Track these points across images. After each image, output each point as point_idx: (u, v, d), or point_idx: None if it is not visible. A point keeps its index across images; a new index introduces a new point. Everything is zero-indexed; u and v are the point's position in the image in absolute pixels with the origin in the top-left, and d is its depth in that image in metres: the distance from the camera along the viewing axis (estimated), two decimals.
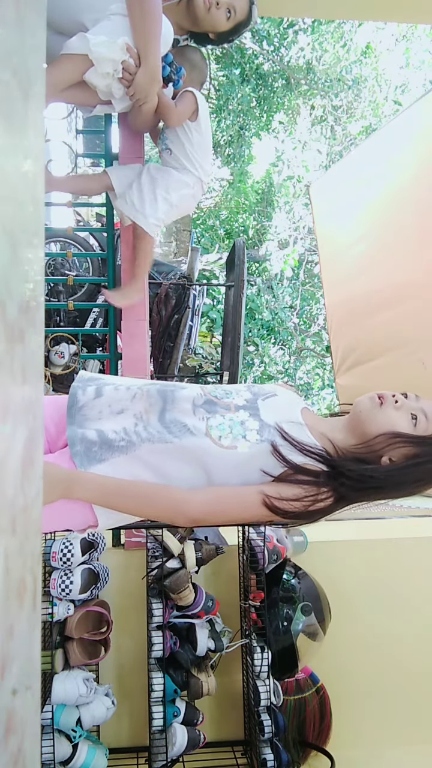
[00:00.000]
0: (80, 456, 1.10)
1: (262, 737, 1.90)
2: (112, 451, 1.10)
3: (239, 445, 1.09)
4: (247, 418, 1.12)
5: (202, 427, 1.10)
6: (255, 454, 1.09)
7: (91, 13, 1.74)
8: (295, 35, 7.78)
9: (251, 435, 1.10)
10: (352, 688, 2.20)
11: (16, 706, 0.33)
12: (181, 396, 1.16)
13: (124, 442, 1.10)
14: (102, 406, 1.16)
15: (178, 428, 1.11)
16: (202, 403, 1.15)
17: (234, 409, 1.14)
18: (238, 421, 1.12)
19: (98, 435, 1.12)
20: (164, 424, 1.11)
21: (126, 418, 1.13)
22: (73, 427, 1.14)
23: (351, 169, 3.63)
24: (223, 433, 1.10)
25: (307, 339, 8.76)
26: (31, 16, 0.40)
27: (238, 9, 1.92)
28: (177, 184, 2.03)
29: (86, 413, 1.16)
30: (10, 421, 0.35)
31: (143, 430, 1.11)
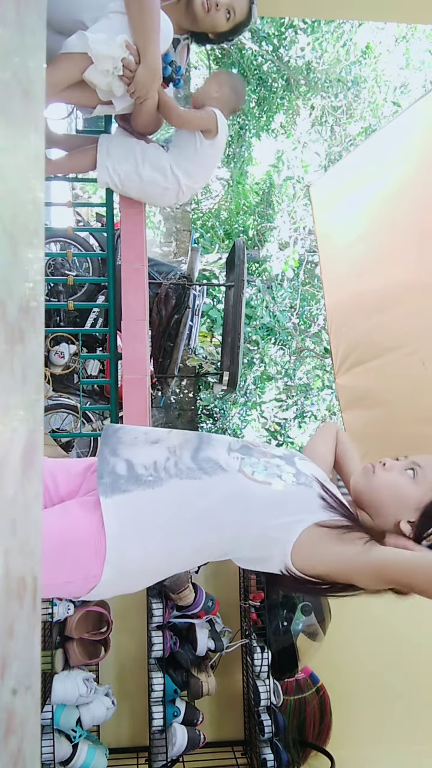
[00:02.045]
0: (105, 486, 1.05)
1: (262, 737, 1.90)
2: (138, 485, 1.06)
3: (274, 483, 1.03)
4: (283, 464, 1.10)
5: (235, 465, 1.07)
6: (291, 494, 1.03)
7: (90, 12, 1.75)
8: (295, 35, 7.78)
9: (287, 477, 1.07)
10: (352, 688, 2.20)
11: (16, 706, 0.33)
12: (218, 439, 1.16)
13: (152, 478, 1.07)
14: (138, 433, 1.17)
15: (210, 466, 1.07)
16: (238, 448, 1.13)
17: (270, 456, 1.13)
18: (274, 464, 1.10)
19: (127, 469, 1.09)
20: (196, 462, 1.08)
21: (159, 449, 1.12)
22: (105, 450, 1.13)
23: (351, 169, 3.63)
24: (257, 470, 1.06)
25: (306, 339, 8.76)
26: (31, 16, 0.40)
27: (237, 10, 1.91)
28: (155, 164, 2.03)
29: (121, 436, 1.16)
30: (10, 421, 0.35)
31: (173, 467, 1.08)
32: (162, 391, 4.35)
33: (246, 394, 8.43)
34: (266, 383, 8.65)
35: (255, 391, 8.52)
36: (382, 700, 2.23)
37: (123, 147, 2.03)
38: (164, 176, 2.04)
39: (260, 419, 8.85)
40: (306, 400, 8.72)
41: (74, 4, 1.77)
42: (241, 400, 8.44)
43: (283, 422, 8.66)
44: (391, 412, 3.22)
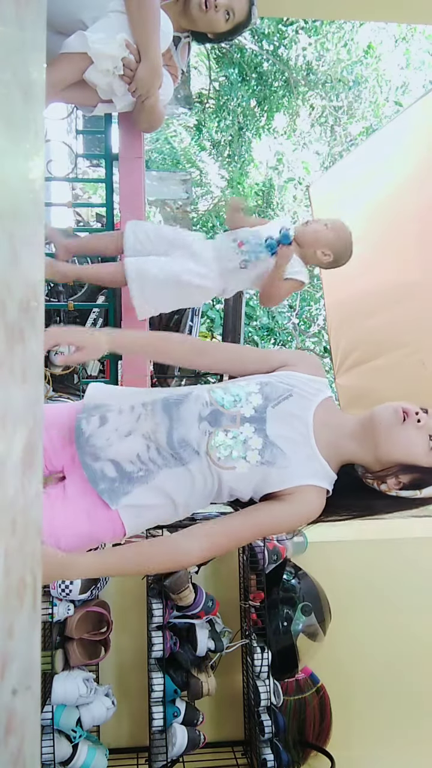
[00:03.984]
0: (107, 493, 1.14)
1: (262, 737, 1.90)
2: (133, 484, 1.14)
3: (238, 466, 1.11)
4: (251, 434, 1.12)
5: (203, 445, 1.12)
6: (252, 474, 1.11)
7: (89, 11, 1.75)
8: (296, 34, 7.78)
9: (252, 455, 1.11)
10: (352, 689, 2.20)
11: (16, 706, 0.33)
12: (187, 408, 1.16)
13: (142, 472, 1.14)
14: (109, 433, 1.17)
15: (186, 452, 1.12)
16: (206, 415, 1.14)
17: (239, 422, 1.13)
18: (241, 439, 1.11)
19: (116, 469, 1.15)
20: (173, 447, 1.13)
21: (136, 439, 1.15)
22: (85, 458, 1.16)
23: (351, 169, 3.63)
24: (222, 455, 1.11)
25: (306, 339, 8.76)
26: (31, 16, 0.40)
27: (237, 10, 1.91)
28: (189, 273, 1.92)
29: (95, 443, 1.17)
30: (10, 421, 0.35)
31: (157, 455, 1.14)
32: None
33: None
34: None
35: None
36: (383, 701, 2.23)
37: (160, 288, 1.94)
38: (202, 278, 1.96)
39: None
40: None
41: (74, 4, 1.77)
42: None
43: None
44: None
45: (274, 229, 1.95)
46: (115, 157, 2.25)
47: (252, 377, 1.22)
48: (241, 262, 1.92)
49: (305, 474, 1.12)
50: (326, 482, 1.14)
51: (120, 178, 2.20)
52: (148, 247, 1.95)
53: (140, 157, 2.19)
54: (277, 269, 1.91)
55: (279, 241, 1.88)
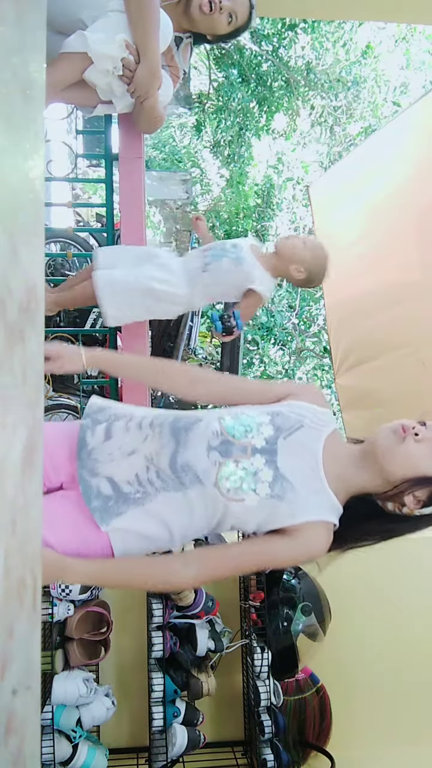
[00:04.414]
0: (99, 512, 1.11)
1: (262, 737, 1.90)
2: (128, 505, 1.11)
3: (247, 498, 1.07)
4: (262, 466, 1.09)
5: (212, 475, 1.08)
6: (260, 508, 1.08)
7: (89, 11, 1.75)
8: (295, 35, 7.78)
9: (261, 488, 1.07)
10: (352, 689, 2.20)
11: (16, 706, 0.34)
12: (196, 435, 1.12)
13: (139, 494, 1.11)
14: (112, 449, 1.14)
15: (189, 477, 1.09)
16: (217, 445, 1.10)
17: (250, 453, 1.09)
18: (252, 471, 1.08)
19: (112, 488, 1.12)
20: (175, 471, 1.09)
21: (137, 460, 1.12)
22: (84, 473, 1.14)
23: (350, 169, 3.63)
24: (232, 486, 1.07)
25: (306, 339, 8.76)
26: (31, 16, 0.40)
27: (239, 14, 1.92)
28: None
29: (96, 457, 1.14)
30: (10, 421, 0.35)
31: (156, 478, 1.10)
32: (162, 391, 4.34)
33: None
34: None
35: None
36: (383, 701, 2.23)
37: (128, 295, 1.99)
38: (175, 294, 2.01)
39: None
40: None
41: (73, 4, 1.77)
42: None
43: None
44: (391, 412, 3.21)
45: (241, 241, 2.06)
46: (115, 157, 2.25)
47: (263, 406, 1.20)
48: (203, 265, 1.97)
49: (313, 509, 1.09)
50: (334, 516, 1.12)
51: (120, 178, 2.20)
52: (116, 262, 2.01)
53: (140, 157, 2.20)
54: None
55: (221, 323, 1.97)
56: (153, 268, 1.97)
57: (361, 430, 3.79)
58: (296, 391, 1.25)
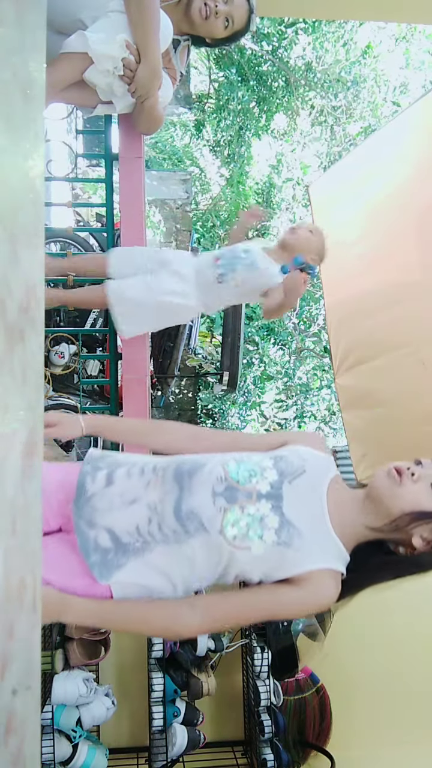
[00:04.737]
0: (98, 567, 1.08)
1: (262, 737, 1.90)
2: (127, 556, 1.08)
3: (253, 546, 1.05)
4: (268, 512, 1.07)
5: (217, 522, 1.06)
6: (267, 556, 1.06)
7: (89, 11, 1.75)
8: (296, 34, 7.78)
9: (268, 535, 1.05)
10: (352, 688, 2.20)
11: (16, 706, 0.34)
12: (199, 481, 1.10)
13: (139, 543, 1.08)
14: (113, 496, 1.11)
15: (194, 525, 1.06)
16: (222, 491, 1.08)
17: (256, 499, 1.08)
18: (258, 517, 1.06)
19: (111, 540, 1.09)
20: (180, 519, 1.07)
21: (139, 509, 1.09)
22: (81, 523, 1.10)
23: (350, 169, 3.63)
24: (238, 533, 1.05)
25: (306, 339, 8.76)
26: (31, 16, 0.40)
27: (236, 18, 1.92)
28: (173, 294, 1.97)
29: (95, 504, 1.11)
30: (10, 421, 0.35)
31: (157, 531, 1.07)
32: (162, 391, 4.35)
33: (246, 394, 8.43)
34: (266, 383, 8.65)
35: (255, 391, 8.51)
36: (383, 701, 2.23)
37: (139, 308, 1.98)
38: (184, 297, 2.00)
39: (260, 419, 8.85)
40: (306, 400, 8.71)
41: (74, 4, 1.77)
42: (241, 400, 8.44)
43: (283, 422, 8.66)
44: (391, 411, 3.22)
45: (252, 245, 2.03)
46: (115, 157, 2.25)
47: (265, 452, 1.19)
48: (218, 276, 1.97)
49: (321, 557, 1.07)
50: (341, 564, 1.10)
51: (120, 178, 2.20)
52: (131, 270, 2.00)
53: (140, 157, 2.20)
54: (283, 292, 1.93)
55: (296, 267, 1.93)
56: (166, 277, 1.96)
57: (361, 430, 3.82)
58: (296, 438, 1.25)
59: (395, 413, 3.17)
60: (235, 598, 1.08)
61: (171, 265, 2.00)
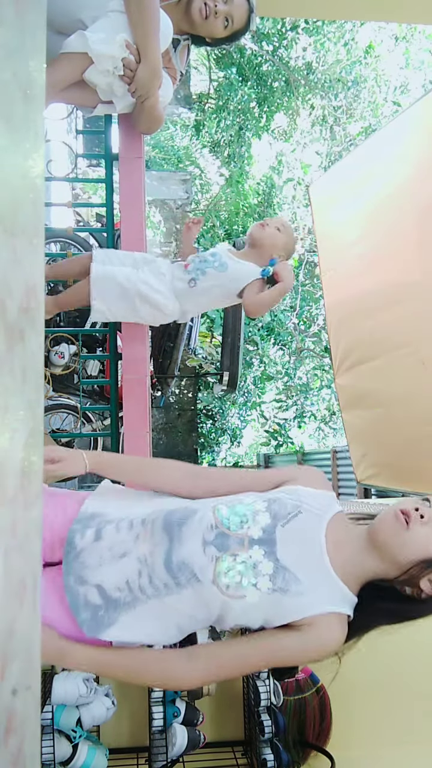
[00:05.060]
0: (88, 625, 1.05)
1: (262, 737, 1.90)
2: (118, 611, 1.05)
3: (248, 594, 1.02)
4: (261, 558, 1.03)
5: (209, 572, 1.03)
6: (263, 603, 1.02)
7: (89, 11, 1.75)
8: (296, 34, 7.79)
9: (263, 582, 1.02)
10: (353, 689, 2.20)
11: (16, 706, 0.34)
12: (190, 530, 1.07)
13: (129, 598, 1.06)
14: (102, 551, 1.09)
15: (185, 576, 1.04)
16: (212, 539, 1.05)
17: (248, 545, 1.04)
18: (250, 564, 1.03)
19: (101, 596, 1.06)
20: (170, 571, 1.04)
21: (129, 563, 1.07)
22: (70, 580, 1.08)
23: (351, 169, 3.63)
24: (231, 582, 1.02)
25: (306, 339, 8.77)
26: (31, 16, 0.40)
27: (236, 18, 1.91)
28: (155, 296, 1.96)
29: (84, 560, 1.09)
30: (10, 421, 0.35)
31: (148, 584, 1.05)
32: (162, 391, 4.35)
33: (246, 394, 8.43)
34: (266, 383, 8.65)
35: (255, 392, 8.52)
36: (383, 701, 2.23)
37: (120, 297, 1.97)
38: (165, 305, 1.99)
39: (260, 419, 8.85)
40: (306, 400, 8.72)
41: (73, 4, 1.77)
42: (241, 400, 8.45)
43: (283, 422, 8.66)
44: (391, 411, 3.22)
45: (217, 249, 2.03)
46: (115, 157, 2.25)
47: (261, 494, 1.16)
48: (189, 281, 1.97)
49: (321, 601, 1.03)
50: (346, 606, 1.06)
51: (120, 178, 2.20)
52: (114, 261, 2.01)
53: (140, 157, 2.19)
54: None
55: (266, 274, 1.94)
56: (148, 272, 1.97)
57: (361, 430, 3.81)
58: (293, 476, 1.21)
59: (395, 413, 3.18)
60: (236, 646, 1.05)
61: (154, 263, 2.01)
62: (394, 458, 3.24)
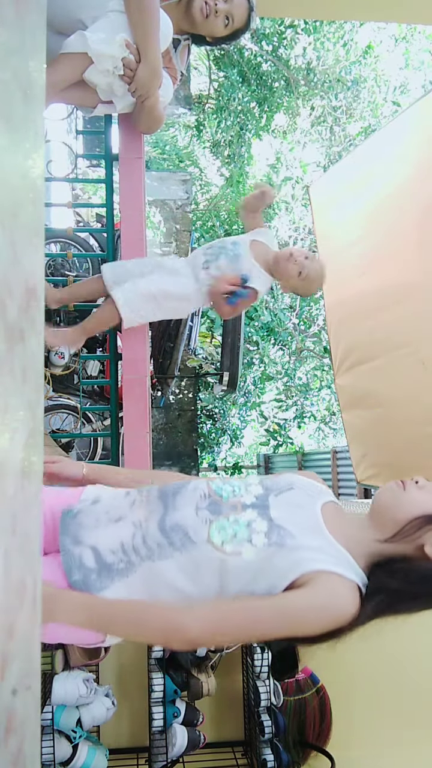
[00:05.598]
0: (79, 586, 1.04)
1: (263, 738, 1.90)
2: (111, 577, 1.04)
3: (244, 551, 1.00)
4: (255, 517, 1.03)
5: (203, 532, 1.03)
6: (263, 560, 1.00)
7: (89, 11, 1.75)
8: (295, 34, 7.79)
9: (258, 538, 1.01)
10: (353, 689, 2.20)
11: (16, 706, 0.34)
12: (183, 497, 1.09)
13: (123, 564, 1.05)
14: (99, 513, 1.11)
15: (179, 537, 1.03)
16: (206, 505, 1.07)
17: (241, 509, 1.05)
18: (244, 522, 1.03)
19: (95, 559, 1.06)
20: (164, 532, 1.04)
21: (124, 526, 1.07)
22: (66, 540, 1.08)
23: (350, 169, 3.63)
24: (226, 538, 1.01)
25: (306, 339, 8.77)
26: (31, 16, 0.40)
27: (236, 17, 1.92)
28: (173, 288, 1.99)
29: (81, 520, 1.10)
30: (10, 421, 0.35)
31: (141, 544, 1.05)
32: (162, 391, 4.34)
33: (246, 395, 8.43)
34: (266, 383, 8.65)
35: (255, 392, 8.52)
36: (383, 701, 2.23)
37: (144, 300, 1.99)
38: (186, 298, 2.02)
39: (260, 419, 8.85)
40: (306, 401, 8.72)
41: (73, 4, 1.77)
42: (241, 400, 8.45)
43: (283, 422, 8.66)
44: (391, 412, 3.22)
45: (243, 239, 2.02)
46: (115, 158, 2.25)
47: None
48: (203, 263, 1.99)
49: (324, 561, 0.99)
50: (352, 574, 1.00)
51: (120, 178, 2.20)
52: (124, 275, 2.02)
53: (140, 158, 2.20)
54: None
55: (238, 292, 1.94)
56: (163, 274, 1.99)
57: (361, 431, 3.80)
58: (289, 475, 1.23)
59: (395, 413, 3.18)
60: (245, 599, 1.01)
61: (164, 266, 2.02)
62: (394, 458, 3.24)
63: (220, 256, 1.98)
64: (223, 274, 1.93)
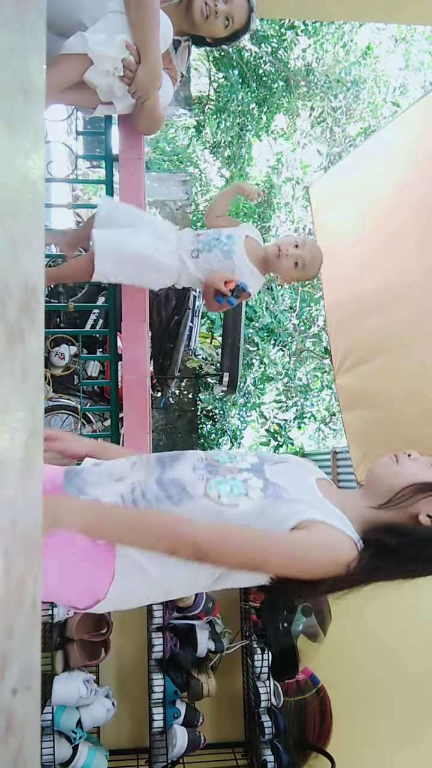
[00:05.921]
0: (75, 487, 1.10)
1: (263, 738, 1.90)
2: None
3: (241, 503, 1.02)
4: (250, 477, 1.07)
5: (200, 487, 1.06)
6: (259, 510, 1.02)
7: (89, 12, 1.75)
8: (296, 36, 7.79)
9: (254, 493, 1.04)
10: (353, 689, 2.20)
11: (16, 706, 0.33)
12: (181, 461, 1.13)
13: None
14: (101, 474, 1.15)
15: (176, 491, 1.06)
16: (203, 467, 1.11)
17: (237, 472, 1.09)
18: (240, 480, 1.06)
19: None
20: (162, 486, 1.07)
21: (125, 485, 1.11)
22: (72, 490, 1.10)
23: (350, 170, 3.63)
24: (222, 492, 1.04)
25: (306, 340, 8.76)
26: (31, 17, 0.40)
27: (236, 18, 1.92)
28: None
29: (85, 477, 1.14)
30: (10, 421, 0.35)
31: (141, 498, 1.07)
32: (162, 392, 4.35)
33: (246, 395, 8.43)
34: (266, 384, 8.64)
35: (255, 392, 8.51)
36: (383, 702, 2.22)
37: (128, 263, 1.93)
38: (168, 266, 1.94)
39: (260, 420, 8.85)
40: (306, 401, 8.71)
41: (73, 5, 1.77)
42: (241, 401, 8.44)
43: (283, 423, 8.66)
44: (391, 412, 3.22)
45: (239, 233, 1.96)
46: (115, 158, 2.25)
47: None
48: (192, 251, 1.93)
49: (318, 513, 1.01)
50: (348, 529, 1.02)
51: (120, 179, 2.20)
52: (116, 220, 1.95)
53: (140, 158, 2.20)
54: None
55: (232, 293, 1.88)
56: (149, 235, 1.92)
57: (361, 431, 3.80)
58: None
59: (395, 414, 3.17)
60: (240, 526, 1.01)
61: (155, 225, 1.97)
62: None
63: (213, 249, 1.93)
64: (220, 272, 1.88)
